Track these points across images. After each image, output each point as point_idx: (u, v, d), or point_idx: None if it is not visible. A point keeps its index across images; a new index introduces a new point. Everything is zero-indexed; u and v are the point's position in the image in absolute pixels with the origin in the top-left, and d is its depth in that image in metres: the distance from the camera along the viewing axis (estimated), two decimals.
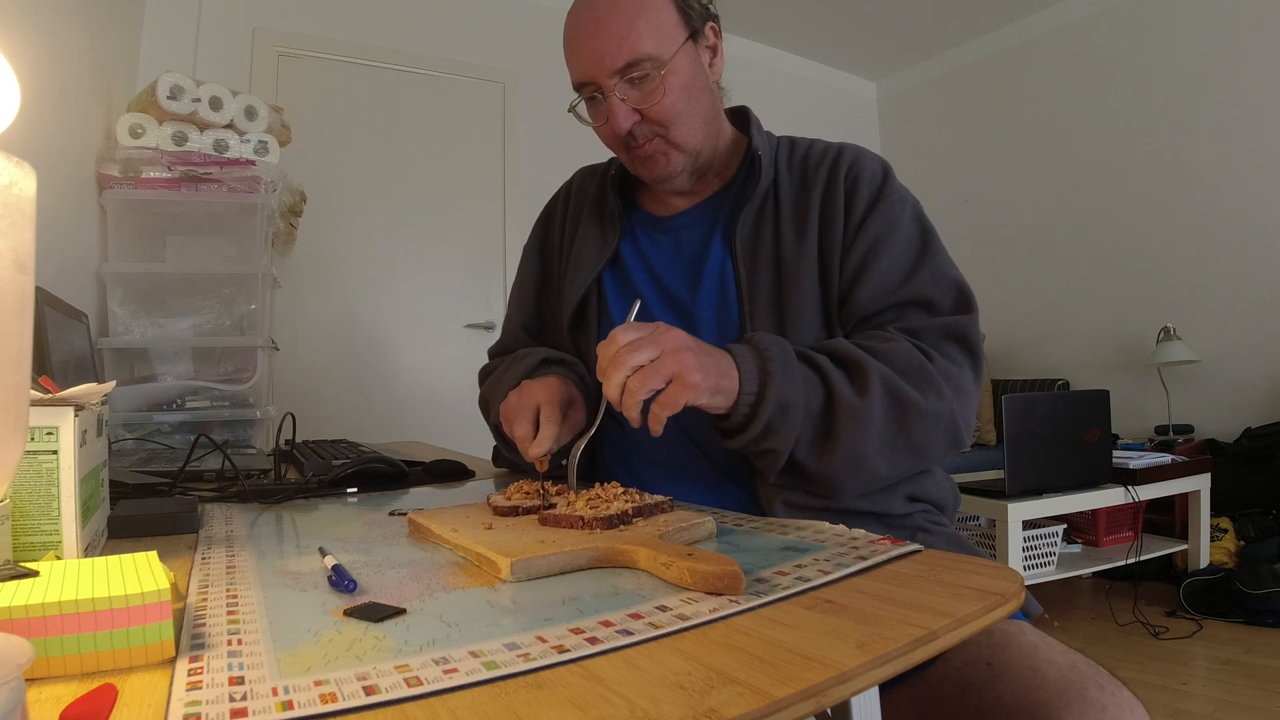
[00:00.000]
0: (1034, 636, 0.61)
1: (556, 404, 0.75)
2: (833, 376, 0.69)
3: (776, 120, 0.99)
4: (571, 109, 0.85)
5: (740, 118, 0.90)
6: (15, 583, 0.36)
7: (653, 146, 0.82)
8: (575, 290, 0.90)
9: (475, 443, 0.98)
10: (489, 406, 0.92)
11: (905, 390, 0.69)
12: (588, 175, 1.00)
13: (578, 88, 0.82)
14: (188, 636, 0.38)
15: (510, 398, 0.79)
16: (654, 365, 0.61)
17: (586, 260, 0.91)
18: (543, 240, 1.01)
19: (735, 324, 0.81)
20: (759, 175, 0.82)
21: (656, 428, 0.63)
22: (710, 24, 0.83)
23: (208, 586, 0.47)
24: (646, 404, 0.63)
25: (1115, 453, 2.48)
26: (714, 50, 0.84)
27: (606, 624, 0.38)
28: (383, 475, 0.93)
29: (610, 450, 0.90)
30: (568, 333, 0.92)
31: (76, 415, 0.50)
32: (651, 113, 0.79)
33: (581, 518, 0.57)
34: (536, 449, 0.72)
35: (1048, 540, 2.30)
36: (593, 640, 0.36)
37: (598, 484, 0.64)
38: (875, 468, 0.70)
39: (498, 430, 0.90)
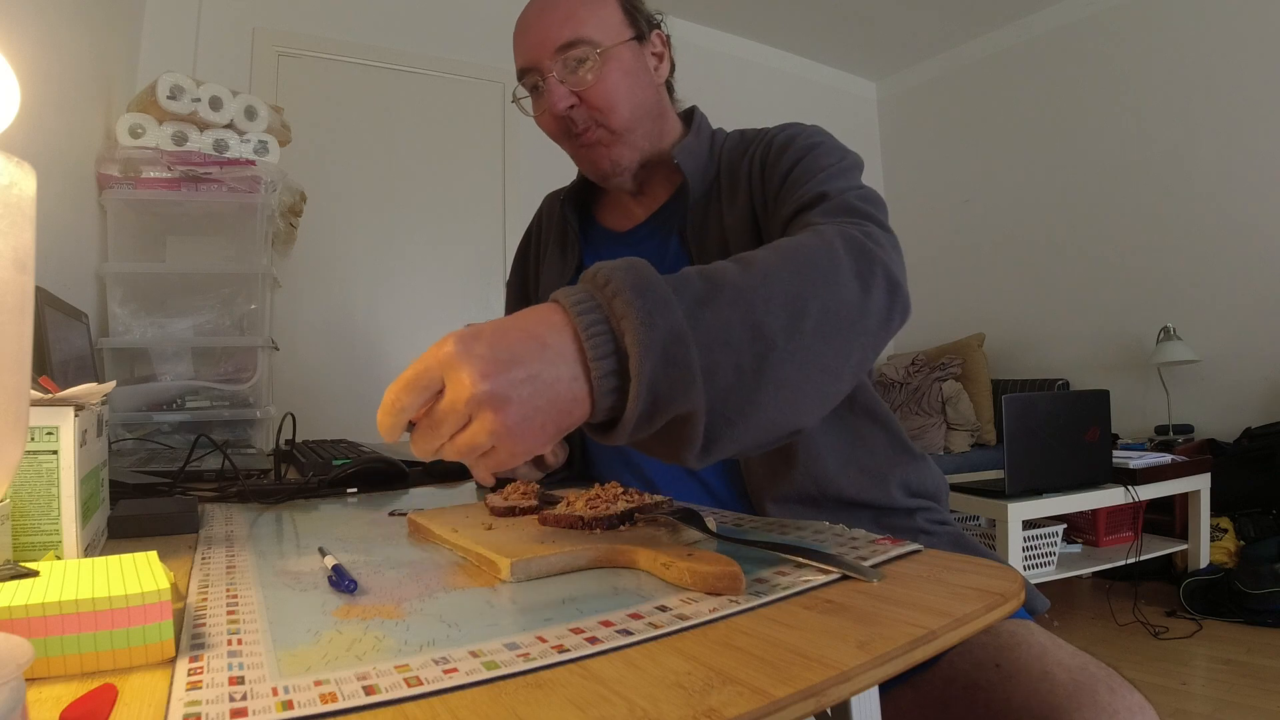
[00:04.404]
0: (1043, 638, 0.61)
1: None
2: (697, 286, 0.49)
3: (776, 121, 0.99)
4: (515, 100, 0.86)
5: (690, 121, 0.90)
6: (15, 583, 0.36)
7: (594, 135, 0.82)
8: None
9: None
10: None
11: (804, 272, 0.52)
12: (553, 200, 1.01)
13: (521, 77, 0.83)
14: (188, 636, 0.38)
15: None
16: (469, 436, 0.43)
17: (550, 287, 0.93)
18: (521, 274, 1.04)
19: None
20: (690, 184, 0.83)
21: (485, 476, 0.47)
22: (657, 32, 0.86)
23: (208, 586, 0.47)
24: None
25: (1115, 453, 2.48)
26: (660, 57, 0.86)
27: (606, 624, 0.38)
28: (383, 475, 0.93)
29: (601, 464, 0.90)
30: None
31: (76, 415, 0.50)
32: (589, 95, 0.79)
33: (581, 518, 0.57)
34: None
35: (1048, 540, 2.30)
36: (593, 640, 0.36)
37: (597, 484, 0.64)
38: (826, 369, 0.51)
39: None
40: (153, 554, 0.42)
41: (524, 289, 1.03)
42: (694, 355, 0.44)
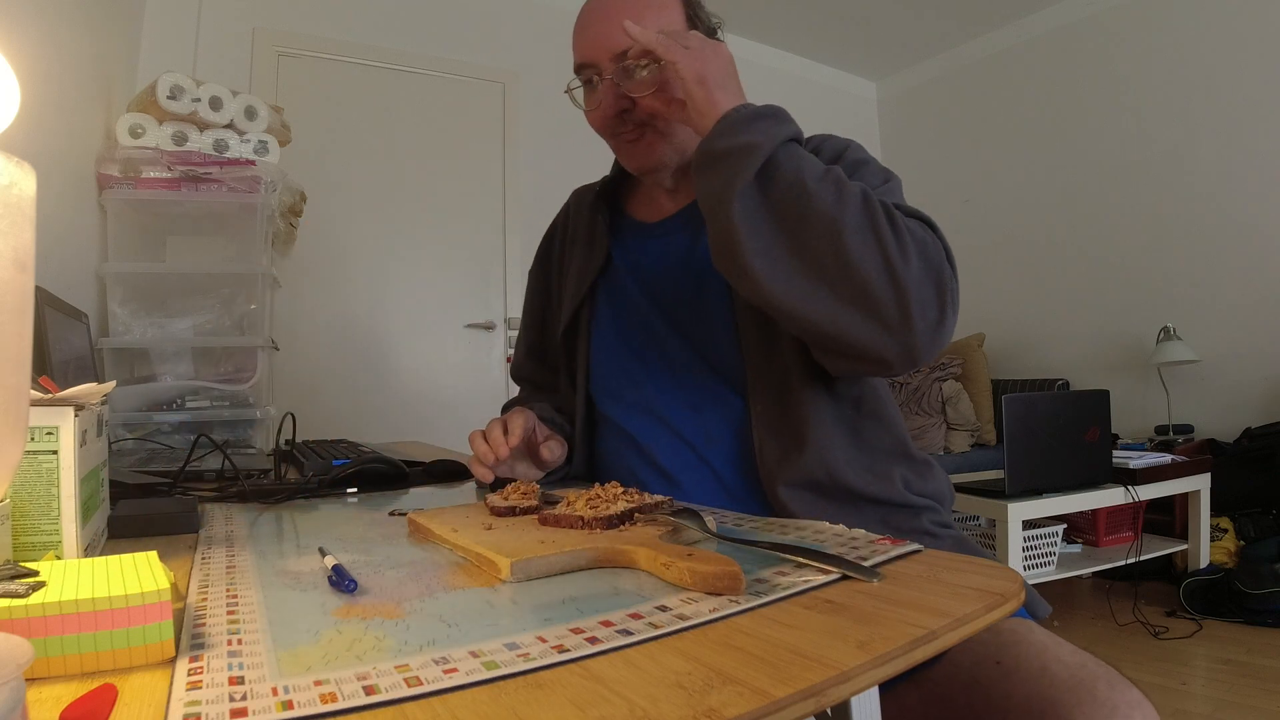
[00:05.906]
0: (1043, 636, 0.61)
1: (522, 424, 0.81)
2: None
3: None
4: (568, 90, 0.87)
5: None
6: (15, 583, 0.36)
7: (639, 132, 0.84)
8: (569, 306, 0.94)
9: None
10: None
11: (876, 213, 0.66)
12: (583, 194, 1.02)
13: (578, 70, 0.85)
14: (188, 636, 0.38)
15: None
16: (677, 50, 0.71)
17: (576, 278, 0.95)
18: (544, 264, 1.05)
19: (727, 318, 0.81)
20: None
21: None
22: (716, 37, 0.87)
23: (208, 586, 0.47)
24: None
25: (1115, 453, 2.48)
26: None
27: (606, 624, 0.38)
28: (383, 475, 0.93)
29: (611, 455, 0.90)
30: (562, 342, 0.96)
31: (76, 415, 0.50)
32: (643, 102, 0.81)
33: (581, 518, 0.57)
34: (493, 451, 0.78)
35: (1048, 540, 2.30)
36: (593, 640, 0.36)
37: (597, 484, 0.64)
38: (812, 251, 0.65)
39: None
40: (153, 554, 0.42)
41: (546, 280, 1.05)
42: (789, 132, 0.69)
